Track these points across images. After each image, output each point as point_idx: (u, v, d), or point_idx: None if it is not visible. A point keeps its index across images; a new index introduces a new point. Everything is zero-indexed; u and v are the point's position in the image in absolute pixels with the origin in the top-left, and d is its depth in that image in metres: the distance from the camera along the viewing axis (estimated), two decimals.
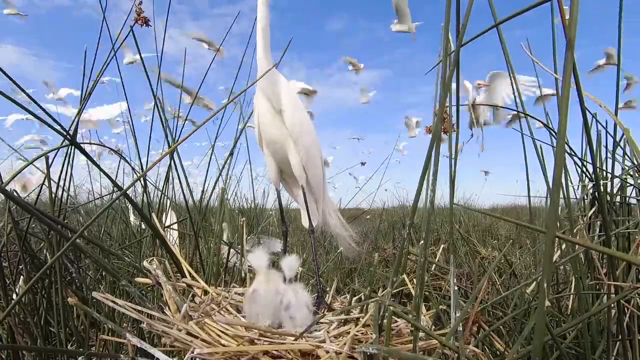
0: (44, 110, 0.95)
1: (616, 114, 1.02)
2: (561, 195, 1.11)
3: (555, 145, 1.10)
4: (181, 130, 1.53)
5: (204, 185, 1.75)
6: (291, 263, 0.96)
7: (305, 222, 1.31)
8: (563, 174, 1.09)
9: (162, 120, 1.43)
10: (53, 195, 1.12)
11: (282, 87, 1.16)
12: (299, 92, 2.00)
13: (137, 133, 1.61)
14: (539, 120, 1.16)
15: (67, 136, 0.95)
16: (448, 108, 0.83)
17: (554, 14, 0.99)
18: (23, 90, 0.93)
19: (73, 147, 1.14)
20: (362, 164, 2.73)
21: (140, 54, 1.36)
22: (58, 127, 0.94)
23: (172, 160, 1.45)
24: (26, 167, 1.01)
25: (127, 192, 0.94)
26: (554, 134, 1.13)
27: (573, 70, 0.65)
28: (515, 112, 1.57)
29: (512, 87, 1.10)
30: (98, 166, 1.07)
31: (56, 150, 1.11)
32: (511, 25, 0.69)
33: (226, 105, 1.55)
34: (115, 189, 1.28)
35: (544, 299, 0.45)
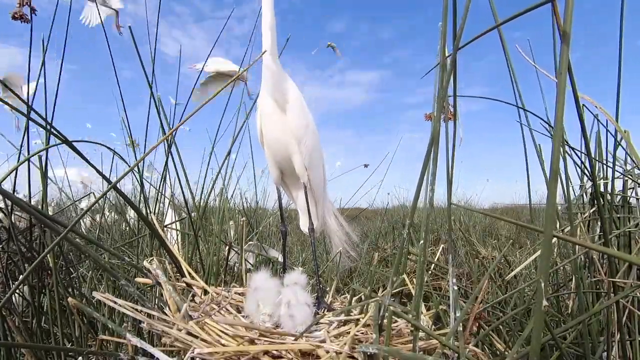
0: (34, 110, 0.95)
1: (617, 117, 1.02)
2: (561, 196, 1.11)
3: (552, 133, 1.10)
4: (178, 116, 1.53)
5: (203, 183, 1.75)
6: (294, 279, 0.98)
7: (303, 225, 1.30)
8: (563, 174, 1.09)
9: (158, 114, 1.43)
10: (48, 194, 1.11)
11: (289, 88, 1.14)
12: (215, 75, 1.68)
13: (137, 132, 1.61)
14: (537, 116, 1.16)
15: (52, 132, 0.95)
16: (448, 104, 0.83)
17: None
18: (12, 91, 0.93)
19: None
20: (365, 166, 2.69)
21: (139, 55, 1.36)
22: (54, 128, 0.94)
23: (170, 153, 1.44)
24: (22, 164, 1.02)
25: (129, 194, 0.94)
26: (551, 126, 1.13)
27: (568, 68, 0.65)
28: None
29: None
30: (88, 162, 1.07)
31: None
32: (511, 26, 0.69)
33: (226, 87, 1.54)
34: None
35: (542, 299, 0.45)
